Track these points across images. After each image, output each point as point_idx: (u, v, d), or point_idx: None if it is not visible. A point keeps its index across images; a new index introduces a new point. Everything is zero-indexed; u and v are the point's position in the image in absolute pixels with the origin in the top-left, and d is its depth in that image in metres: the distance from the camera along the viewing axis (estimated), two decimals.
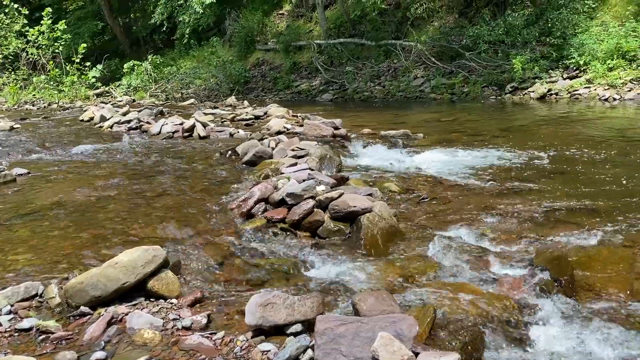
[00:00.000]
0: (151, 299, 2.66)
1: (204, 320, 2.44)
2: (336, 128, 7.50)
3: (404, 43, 16.98)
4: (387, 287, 2.94)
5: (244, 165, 5.42)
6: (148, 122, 8.59)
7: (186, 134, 7.57)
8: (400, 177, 5.58)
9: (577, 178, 5.29)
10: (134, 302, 2.61)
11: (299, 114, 9.45)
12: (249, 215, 3.86)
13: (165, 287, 2.70)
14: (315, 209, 3.82)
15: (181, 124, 7.90)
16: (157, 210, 3.97)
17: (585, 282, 3.01)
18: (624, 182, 5.01)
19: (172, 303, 2.63)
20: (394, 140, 7.68)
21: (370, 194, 4.20)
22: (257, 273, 3.11)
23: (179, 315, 2.49)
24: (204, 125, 7.82)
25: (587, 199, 4.53)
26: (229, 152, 6.00)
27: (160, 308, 2.57)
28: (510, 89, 13.47)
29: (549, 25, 13.98)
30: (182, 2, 19.13)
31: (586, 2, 14.14)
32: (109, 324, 2.41)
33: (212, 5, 18.80)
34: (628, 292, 2.89)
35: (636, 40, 12.15)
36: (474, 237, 3.79)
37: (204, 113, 9.79)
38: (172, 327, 2.40)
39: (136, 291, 2.67)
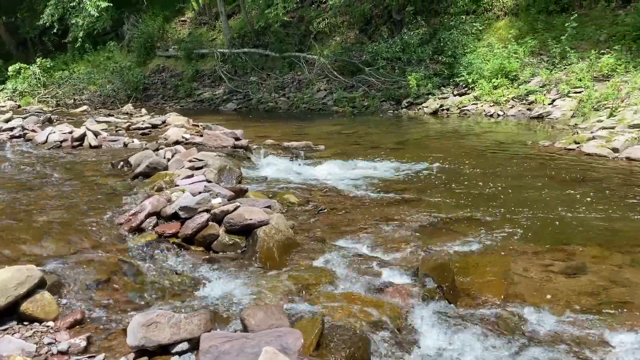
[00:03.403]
0: (24, 323, 2.48)
1: (83, 343, 2.31)
2: (237, 139, 7.44)
3: (308, 56, 17.26)
4: (280, 300, 2.95)
5: (137, 177, 5.20)
6: (34, 130, 8.03)
7: (76, 144, 7.15)
8: (301, 189, 5.65)
9: (461, 189, 5.65)
10: (3, 327, 2.42)
11: (200, 124, 9.27)
12: (139, 230, 3.70)
13: (41, 309, 2.52)
14: (210, 223, 3.76)
15: (71, 132, 7.46)
16: (38, 226, 3.70)
17: (465, 288, 3.21)
18: (502, 193, 5.43)
19: (48, 326, 2.46)
20: (296, 151, 7.77)
21: (268, 206, 4.21)
22: (145, 291, 2.99)
23: (55, 339, 2.34)
24: (96, 134, 7.43)
25: (470, 209, 4.86)
26: (121, 163, 5.73)
27: (34, 332, 2.40)
28: (406, 104, 14.13)
29: (442, 44, 14.91)
30: (74, 3, 18.08)
31: (474, 24, 15.29)
32: None
33: (108, 8, 17.99)
34: (502, 296, 3.12)
35: (517, 62, 13.27)
36: (367, 247, 3.92)
37: (97, 121, 9.34)
38: (47, 352, 2.25)
39: (7, 315, 2.47)
